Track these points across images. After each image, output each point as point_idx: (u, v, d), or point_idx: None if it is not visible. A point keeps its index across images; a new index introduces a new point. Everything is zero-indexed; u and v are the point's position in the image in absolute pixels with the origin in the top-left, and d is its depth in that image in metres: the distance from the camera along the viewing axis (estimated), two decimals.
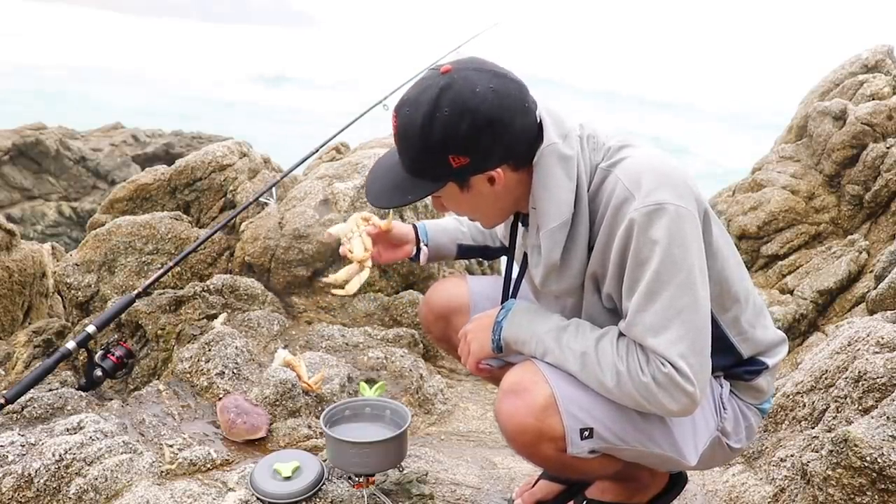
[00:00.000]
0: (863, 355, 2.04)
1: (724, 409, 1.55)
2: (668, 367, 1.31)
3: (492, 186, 1.42)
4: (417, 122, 1.36)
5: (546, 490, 1.88)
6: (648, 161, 1.39)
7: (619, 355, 1.36)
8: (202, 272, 3.47)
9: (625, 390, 1.35)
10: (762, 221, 4.21)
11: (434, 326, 1.91)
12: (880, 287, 3.02)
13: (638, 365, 1.34)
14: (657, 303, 1.32)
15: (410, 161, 1.43)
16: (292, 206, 3.59)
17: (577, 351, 1.41)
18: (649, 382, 1.32)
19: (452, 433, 2.76)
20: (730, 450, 1.59)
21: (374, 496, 1.88)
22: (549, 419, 1.41)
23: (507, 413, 1.45)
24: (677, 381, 1.31)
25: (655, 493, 1.74)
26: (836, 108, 4.34)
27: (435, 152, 1.36)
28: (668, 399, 1.32)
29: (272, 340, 3.02)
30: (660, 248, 1.30)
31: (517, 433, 1.45)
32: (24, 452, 1.96)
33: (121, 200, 3.78)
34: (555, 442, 1.43)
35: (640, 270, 1.33)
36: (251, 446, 2.29)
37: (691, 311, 1.32)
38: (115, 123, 14.02)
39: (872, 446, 1.61)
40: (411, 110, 1.38)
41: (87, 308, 3.35)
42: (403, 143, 1.43)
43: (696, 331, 1.33)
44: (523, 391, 1.44)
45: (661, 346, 1.31)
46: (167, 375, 2.79)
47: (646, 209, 1.32)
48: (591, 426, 1.42)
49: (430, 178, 1.42)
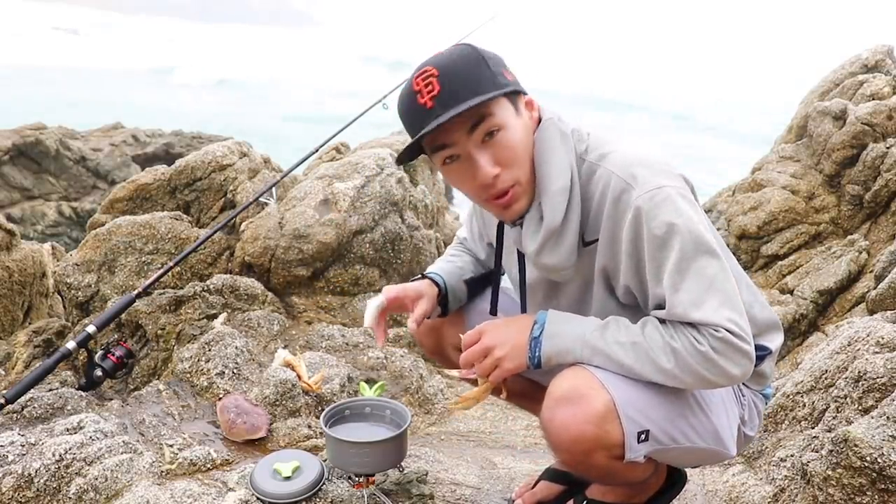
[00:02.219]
0: (863, 355, 2.04)
1: (743, 395, 1.58)
2: (722, 332, 1.32)
3: (530, 113, 1.47)
4: (460, 50, 1.41)
5: (547, 491, 1.87)
6: (634, 153, 1.42)
7: (670, 335, 1.36)
8: (202, 272, 3.47)
9: (685, 366, 1.34)
10: (762, 221, 4.21)
11: (426, 339, 1.87)
12: (880, 287, 3.02)
13: (692, 339, 1.34)
14: (689, 279, 1.33)
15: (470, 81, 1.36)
16: (292, 206, 3.59)
17: (627, 343, 1.38)
18: (707, 350, 1.32)
19: (452, 433, 2.76)
20: (745, 438, 1.60)
21: (374, 496, 1.88)
22: (608, 425, 1.36)
23: (562, 422, 1.39)
24: (734, 343, 1.32)
25: (655, 491, 1.74)
26: (836, 108, 4.34)
27: (489, 63, 1.40)
28: (729, 363, 1.33)
29: (272, 340, 3.02)
30: (673, 226, 1.33)
31: (573, 443, 1.39)
32: (24, 452, 1.96)
33: (121, 200, 3.78)
34: (610, 450, 1.39)
35: (661, 254, 1.35)
36: (251, 446, 2.29)
37: (722, 277, 1.35)
38: (115, 123, 14.00)
39: (872, 446, 1.61)
40: (444, 54, 1.42)
41: (87, 308, 3.35)
42: (455, 71, 1.37)
43: (731, 293, 1.35)
44: (580, 398, 1.37)
45: (708, 316, 1.32)
46: (167, 375, 2.79)
47: (648, 195, 1.34)
48: (647, 428, 1.39)
49: (496, 86, 1.38)
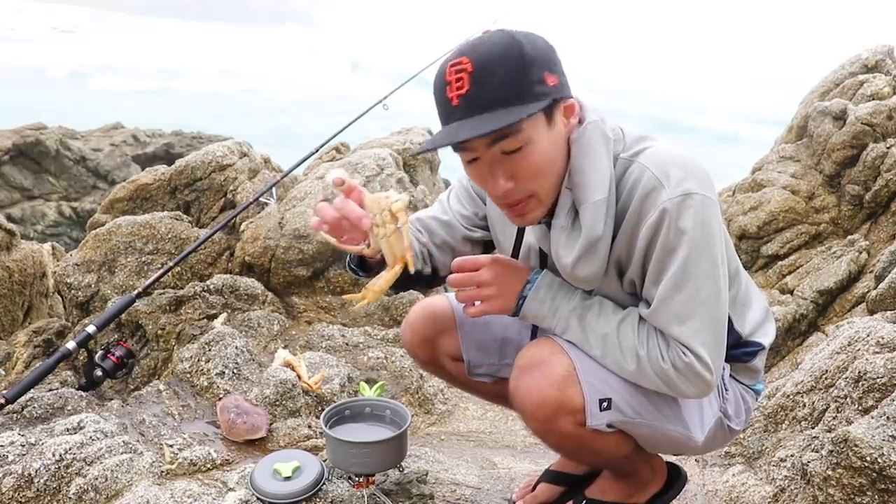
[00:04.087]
0: (863, 355, 2.04)
1: (726, 390, 1.59)
2: (690, 356, 1.36)
3: (566, 124, 1.37)
4: (504, 44, 1.28)
5: (548, 493, 1.86)
6: (670, 152, 1.40)
7: (641, 340, 1.40)
8: (202, 272, 3.47)
9: (644, 374, 1.40)
10: (762, 221, 4.21)
11: (420, 350, 1.82)
12: (880, 287, 3.01)
13: (659, 352, 1.38)
14: (683, 293, 1.35)
15: (505, 87, 1.27)
16: (292, 206, 3.59)
17: (599, 333, 1.43)
18: (669, 369, 1.37)
19: (452, 433, 2.77)
20: (730, 431, 1.61)
21: (374, 496, 1.88)
22: (568, 389, 1.42)
23: (526, 386, 1.45)
24: (696, 370, 1.36)
25: (655, 491, 1.74)
26: (836, 108, 4.34)
27: (532, 67, 1.27)
28: (686, 385, 1.38)
29: (272, 340, 3.02)
30: (688, 238, 1.32)
31: (537, 406, 1.44)
32: (24, 452, 1.96)
33: (121, 200, 3.78)
34: (573, 415, 1.43)
35: (667, 260, 1.35)
36: (251, 446, 2.29)
37: (714, 301, 1.36)
38: (115, 123, 14.00)
39: (872, 446, 1.61)
40: (486, 45, 1.29)
41: (87, 308, 3.35)
42: (490, 72, 1.27)
43: (716, 321, 1.38)
44: (541, 363, 1.45)
45: (685, 335, 1.36)
46: (167, 375, 2.80)
47: (678, 199, 1.32)
48: (609, 396, 1.44)
49: (533, 98, 1.28)
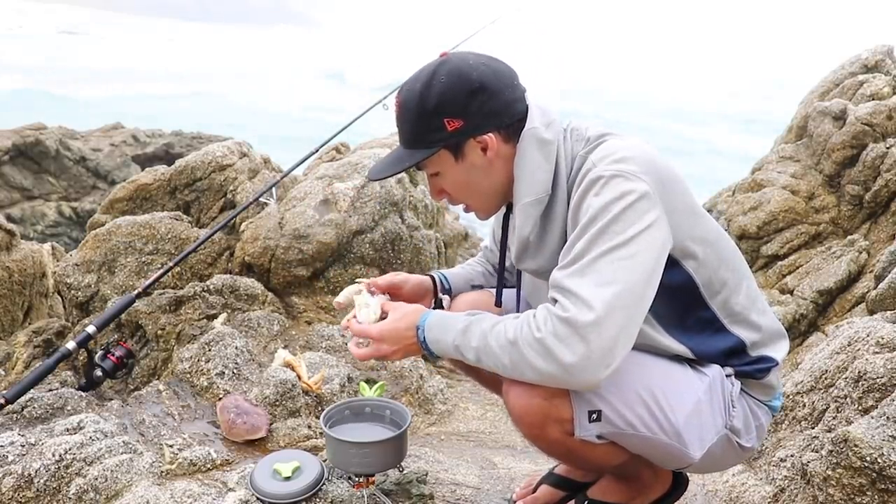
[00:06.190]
0: (863, 355, 2.04)
1: (734, 406, 1.54)
2: (571, 311, 1.24)
3: (484, 156, 1.48)
4: (416, 90, 1.46)
5: (549, 496, 1.86)
6: (621, 144, 1.43)
7: (512, 332, 1.32)
8: (202, 272, 3.47)
9: (523, 359, 1.30)
10: (762, 221, 4.21)
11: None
12: (880, 287, 3.01)
13: (533, 327, 1.29)
14: (592, 251, 1.29)
15: (409, 132, 1.50)
16: (292, 206, 3.59)
17: (474, 347, 1.37)
18: (544, 336, 1.26)
19: (452, 433, 2.77)
20: (741, 449, 1.57)
21: (374, 496, 1.88)
22: (556, 399, 1.40)
23: (516, 392, 1.44)
24: (578, 326, 1.23)
25: (657, 495, 1.72)
26: (836, 108, 4.34)
27: (431, 116, 1.45)
28: (566, 349, 1.24)
29: (272, 340, 3.02)
30: (611, 206, 1.30)
31: (524, 413, 1.44)
32: (24, 452, 1.96)
33: (121, 200, 3.78)
34: (562, 424, 1.42)
35: (588, 226, 1.32)
36: (251, 446, 2.29)
37: (627, 266, 1.27)
38: (115, 123, 14.00)
39: (872, 446, 1.61)
40: (411, 84, 1.49)
41: (87, 308, 3.35)
42: (403, 116, 1.50)
43: (627, 286, 1.26)
44: None
45: (580, 287, 1.26)
46: (167, 375, 2.80)
47: (606, 171, 1.35)
48: (599, 408, 1.41)
49: (426, 144, 1.48)
